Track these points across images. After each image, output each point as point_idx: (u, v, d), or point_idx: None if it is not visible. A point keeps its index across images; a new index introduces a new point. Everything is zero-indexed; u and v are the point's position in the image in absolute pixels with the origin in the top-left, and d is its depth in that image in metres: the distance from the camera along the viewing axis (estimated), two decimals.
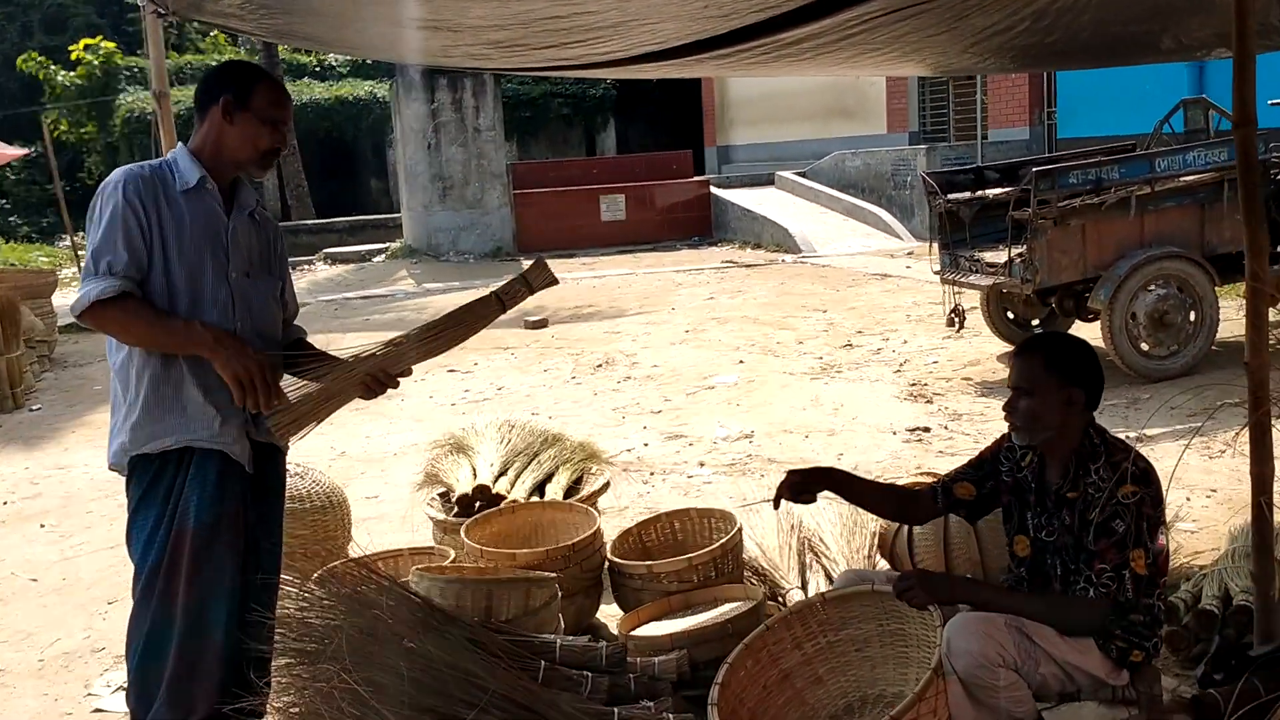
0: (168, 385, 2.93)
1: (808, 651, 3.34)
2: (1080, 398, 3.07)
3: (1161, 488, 3.04)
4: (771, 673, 3.32)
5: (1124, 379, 7.65)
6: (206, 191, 3.00)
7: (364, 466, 7.19)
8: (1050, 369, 3.07)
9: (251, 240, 3.11)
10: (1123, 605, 2.97)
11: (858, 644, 3.29)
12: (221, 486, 2.94)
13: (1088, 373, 3.11)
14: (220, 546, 2.91)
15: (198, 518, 2.89)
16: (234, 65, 3.11)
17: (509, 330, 12.17)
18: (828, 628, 3.32)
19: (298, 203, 22.68)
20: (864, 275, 14.35)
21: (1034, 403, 3.06)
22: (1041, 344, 3.23)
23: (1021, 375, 3.12)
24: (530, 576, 3.82)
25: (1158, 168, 7.68)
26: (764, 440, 7.09)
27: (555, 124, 28.34)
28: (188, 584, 2.87)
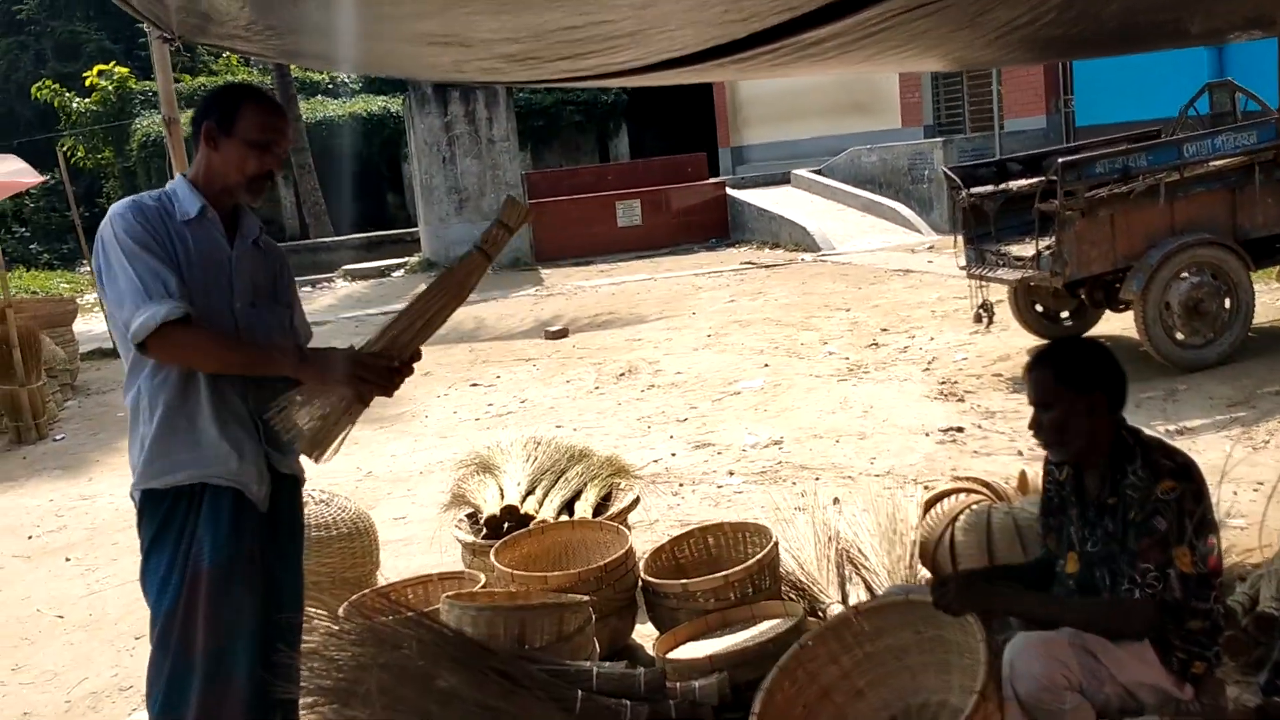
0: (181, 417, 2.85)
1: (845, 666, 3.24)
2: (1103, 401, 2.95)
3: (1205, 483, 2.92)
4: (811, 691, 3.21)
5: (1160, 370, 7.50)
6: (208, 221, 2.92)
7: (390, 486, 7.11)
8: (1063, 380, 2.95)
9: (257, 269, 3.03)
10: (1170, 606, 2.85)
11: (896, 653, 3.18)
12: (236, 524, 2.85)
13: (1105, 374, 2.98)
14: (238, 586, 2.82)
15: (213, 558, 2.80)
16: (222, 90, 3.00)
17: (530, 341, 12.10)
18: (864, 639, 3.22)
19: (315, 220, 22.68)
20: (885, 271, 14.20)
21: (1056, 417, 2.95)
22: (1051, 355, 3.09)
23: (1037, 390, 3.00)
24: (563, 601, 3.72)
25: (1186, 153, 7.52)
26: (794, 446, 6.97)
27: (568, 131, 28.28)
28: (206, 627, 2.78)
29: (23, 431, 9.58)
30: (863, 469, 6.35)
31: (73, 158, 27.25)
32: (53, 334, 11.21)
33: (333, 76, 29.51)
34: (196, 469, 2.83)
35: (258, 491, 2.91)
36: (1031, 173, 8.57)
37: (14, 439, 9.58)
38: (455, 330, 13.31)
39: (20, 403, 9.56)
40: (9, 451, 9.38)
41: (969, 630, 2.89)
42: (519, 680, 2.97)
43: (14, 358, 9.51)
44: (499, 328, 13.31)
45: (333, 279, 19.28)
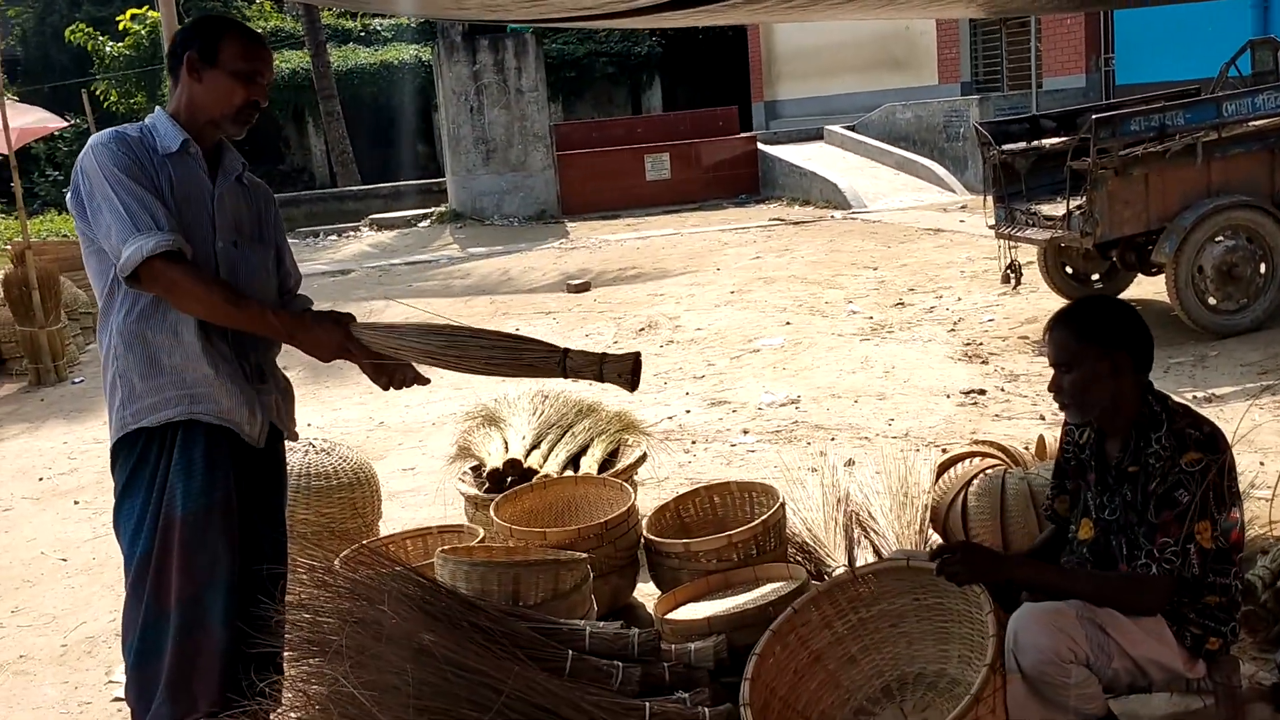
0: (165, 353, 2.76)
1: (839, 630, 3.14)
2: (1127, 361, 2.80)
3: (1232, 455, 2.78)
4: (802, 655, 3.12)
5: (1190, 335, 7.31)
6: (189, 156, 2.81)
7: (402, 437, 7.05)
8: (1087, 338, 2.80)
9: (240, 207, 2.93)
10: (1187, 583, 2.72)
11: (892, 619, 3.08)
12: (210, 471, 2.76)
13: (1130, 333, 2.83)
14: (213, 534, 2.75)
15: (185, 505, 2.72)
16: (201, 20, 2.90)
17: (552, 294, 11.99)
18: (858, 604, 3.11)
19: (343, 169, 22.58)
20: (916, 230, 13.97)
21: (1077, 377, 2.80)
22: (1073, 313, 2.93)
23: (1058, 350, 2.86)
24: (560, 558, 3.63)
25: (1225, 112, 7.28)
26: (811, 406, 6.85)
27: (600, 83, 27.99)
28: (181, 575, 2.71)
29: (42, 373, 9.59)
30: (880, 430, 6.23)
31: (105, 101, 27.25)
32: (74, 277, 11.19)
33: (365, 23, 29.33)
34: (186, 406, 2.75)
35: (250, 431, 2.85)
36: (1065, 130, 8.36)
37: (33, 380, 9.60)
38: (478, 282, 13.24)
39: (39, 344, 9.57)
40: (28, 393, 9.39)
41: (973, 600, 2.78)
42: (505, 640, 2.88)
43: (33, 300, 9.50)
44: (521, 280, 13.21)
45: (359, 228, 19.22)
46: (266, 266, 3.01)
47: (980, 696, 2.48)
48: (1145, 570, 2.71)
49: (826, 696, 3.10)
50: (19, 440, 7.83)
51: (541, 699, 2.48)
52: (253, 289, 2.90)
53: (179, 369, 2.76)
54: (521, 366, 2.84)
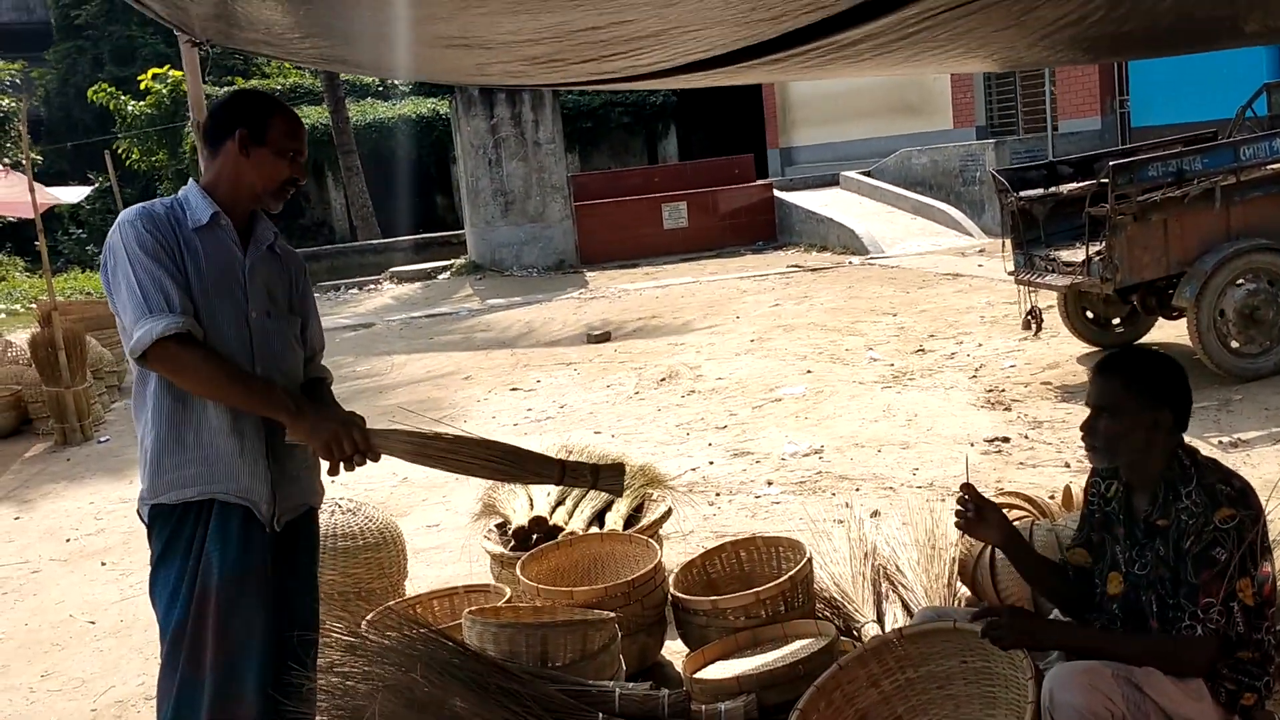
0: (189, 430, 2.79)
1: (885, 690, 3.12)
2: (1168, 420, 2.80)
3: (1262, 507, 2.77)
4: (847, 713, 3.10)
5: (1213, 380, 7.27)
6: (220, 228, 2.86)
7: (426, 493, 7.06)
8: (1134, 388, 2.80)
9: (272, 277, 2.97)
10: (1232, 642, 2.70)
11: (939, 681, 3.06)
12: (246, 539, 2.79)
13: (1176, 392, 2.83)
14: (247, 602, 2.77)
15: (222, 573, 2.74)
16: (246, 96, 2.97)
17: (572, 344, 12.03)
18: (906, 664, 3.09)
19: (363, 223, 22.80)
20: (934, 275, 13.98)
21: (1115, 424, 2.80)
22: (1125, 361, 2.94)
23: (1102, 394, 2.85)
24: (588, 618, 3.63)
25: (1243, 156, 7.29)
26: (834, 455, 6.83)
27: (616, 133, 28.23)
28: (216, 643, 2.73)
29: (68, 433, 9.66)
30: (904, 480, 6.21)
31: (128, 160, 27.62)
32: (100, 336, 11.30)
33: (382, 79, 29.69)
34: (205, 485, 2.77)
35: (266, 511, 2.84)
36: (1082, 175, 8.38)
37: (60, 440, 9.66)
38: (499, 334, 13.30)
39: (65, 404, 9.64)
40: (54, 453, 9.46)
41: (1018, 664, 2.76)
42: (535, 704, 2.88)
43: (59, 360, 9.59)
44: (541, 331, 13.27)
45: (380, 281, 19.36)
46: (296, 337, 3.04)
47: None
48: (1191, 632, 2.69)
49: None
50: (46, 501, 7.88)
51: None
52: (283, 361, 2.94)
53: (204, 445, 2.78)
54: (523, 474, 3.12)
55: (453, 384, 10.57)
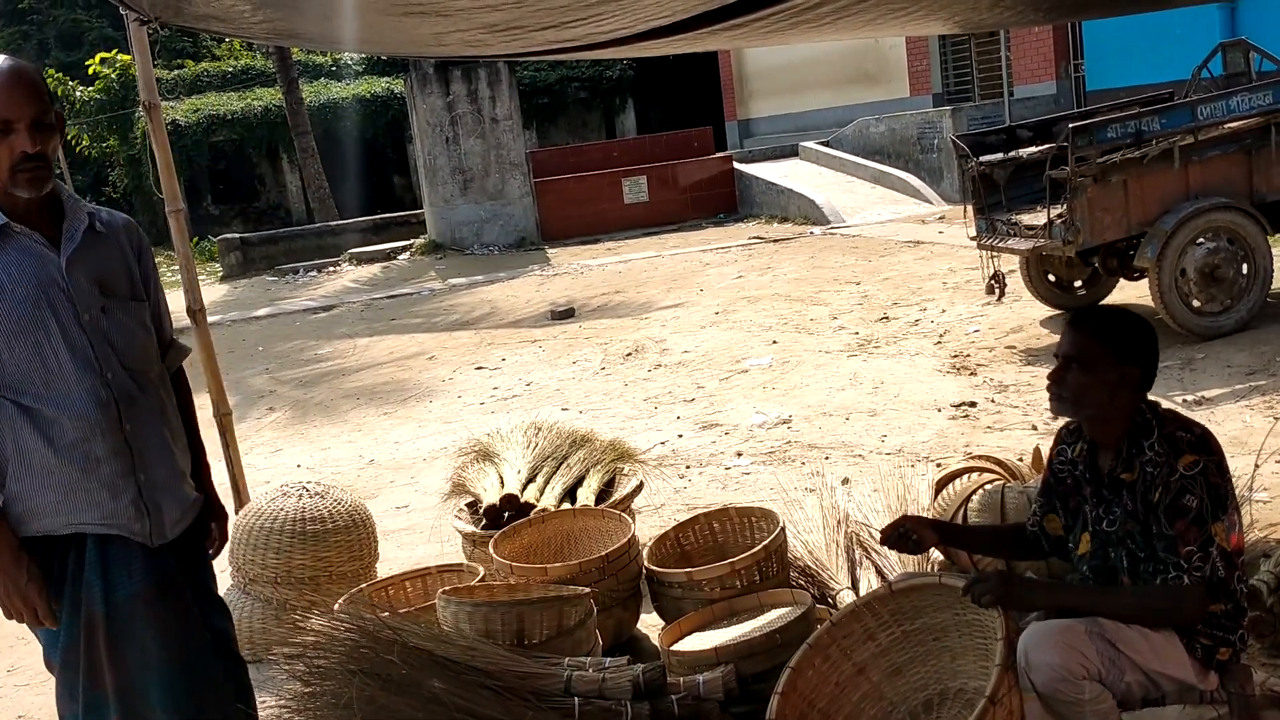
0: (39, 461, 2.52)
1: (882, 642, 3.13)
2: (1135, 377, 2.81)
3: (1224, 455, 2.78)
4: (844, 667, 3.11)
5: (1176, 339, 7.33)
6: (15, 235, 2.51)
7: (393, 474, 7.00)
8: (1107, 343, 2.81)
9: (101, 264, 2.63)
10: (1216, 586, 2.71)
11: (935, 633, 3.06)
12: (127, 565, 2.58)
13: (1147, 352, 2.84)
14: (139, 626, 2.57)
15: (107, 602, 2.55)
16: None
17: (536, 322, 11.97)
18: (902, 617, 3.09)
19: (319, 204, 22.53)
20: (896, 243, 14.01)
21: (1083, 376, 2.80)
22: (1100, 316, 2.94)
23: (1073, 345, 2.85)
24: (563, 595, 3.60)
25: (1200, 115, 7.32)
26: (803, 425, 6.84)
27: (574, 108, 28.10)
28: (112, 670, 2.56)
29: None
30: (873, 447, 6.22)
31: (78, 147, 27.15)
32: None
33: (335, 58, 29.35)
34: (68, 517, 2.54)
35: (141, 530, 2.60)
36: (1041, 139, 8.40)
37: None
38: (463, 314, 13.21)
39: None
40: None
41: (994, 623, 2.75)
42: (514, 682, 2.85)
43: None
44: (505, 309, 13.19)
45: (339, 263, 19.17)
46: (145, 324, 2.74)
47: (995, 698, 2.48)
48: (1179, 582, 2.70)
49: (870, 708, 3.08)
50: None
51: None
52: (132, 354, 2.66)
53: (57, 474, 2.53)
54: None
55: (417, 364, 10.49)
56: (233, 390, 9.74)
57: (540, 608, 3.48)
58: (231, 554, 4.50)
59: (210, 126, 26.09)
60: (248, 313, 15.31)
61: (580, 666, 3.18)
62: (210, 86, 27.97)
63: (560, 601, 3.53)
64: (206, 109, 26.22)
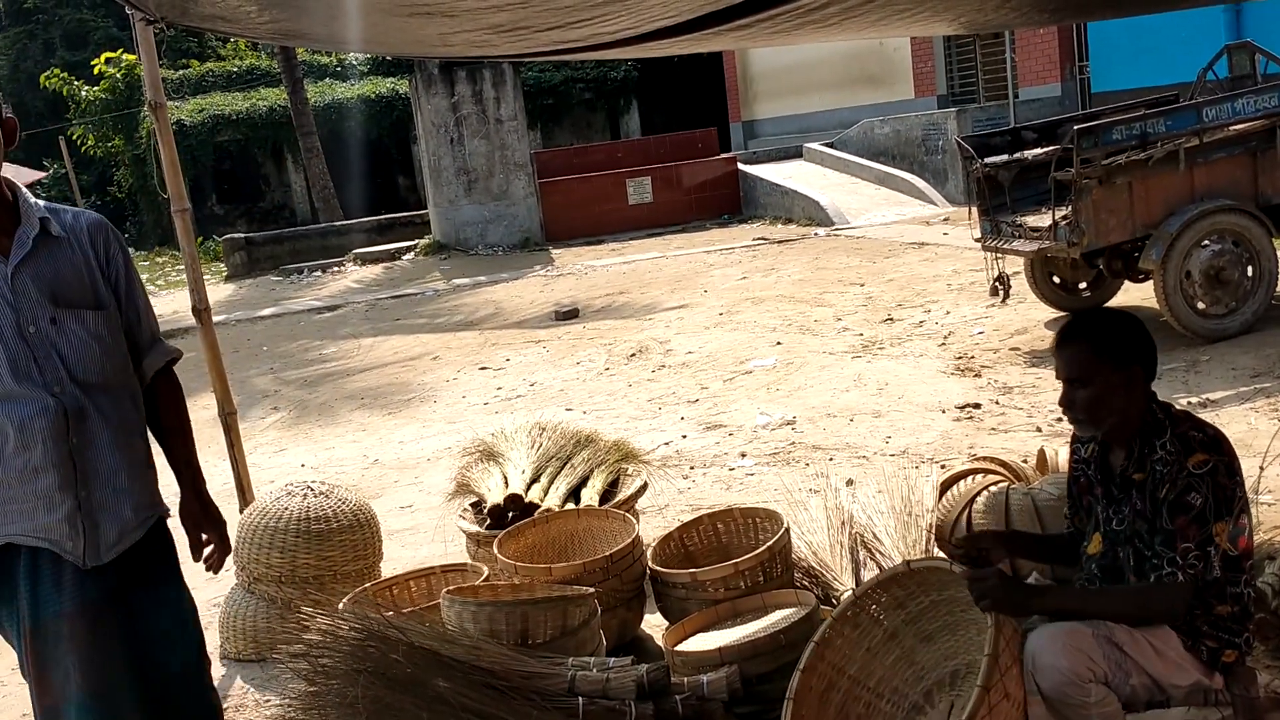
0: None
1: (912, 610, 3.13)
2: (1140, 375, 2.81)
3: (1236, 457, 2.78)
4: (875, 634, 3.13)
5: (1181, 341, 7.32)
6: None
7: (397, 474, 7.00)
8: (1102, 354, 2.80)
9: (54, 272, 2.53)
10: (1206, 588, 2.71)
11: (963, 605, 3.04)
12: (56, 582, 2.49)
13: (1141, 346, 2.84)
14: (62, 649, 2.47)
15: (34, 617, 2.48)
16: None
17: (540, 322, 11.97)
18: (929, 588, 3.09)
19: (324, 204, 22.56)
20: (900, 245, 14.00)
21: (1092, 392, 2.80)
22: (1085, 328, 2.92)
23: (1072, 365, 2.84)
24: (567, 594, 3.60)
25: (1205, 117, 7.31)
26: (807, 426, 6.83)
27: (578, 110, 28.12)
28: (38, 687, 2.52)
29: None
30: (878, 448, 6.21)
31: (83, 146, 27.20)
32: None
33: (340, 59, 29.39)
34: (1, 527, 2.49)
35: (74, 549, 2.50)
36: (1046, 141, 8.39)
37: None
38: (467, 315, 13.21)
39: None
40: None
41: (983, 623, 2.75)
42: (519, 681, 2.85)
43: None
44: (509, 309, 13.19)
45: (343, 263, 19.19)
46: (103, 334, 2.60)
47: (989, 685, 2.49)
48: (1172, 579, 2.70)
49: (902, 672, 3.09)
50: None
51: None
52: (84, 366, 2.56)
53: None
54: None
55: (421, 365, 10.50)
56: (237, 390, 9.74)
57: (544, 607, 3.48)
58: (236, 553, 4.51)
59: (215, 126, 26.13)
60: (252, 312, 15.33)
61: (584, 666, 3.19)
62: (215, 86, 28.02)
63: (564, 601, 3.53)
64: (211, 109, 26.26)
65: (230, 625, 4.49)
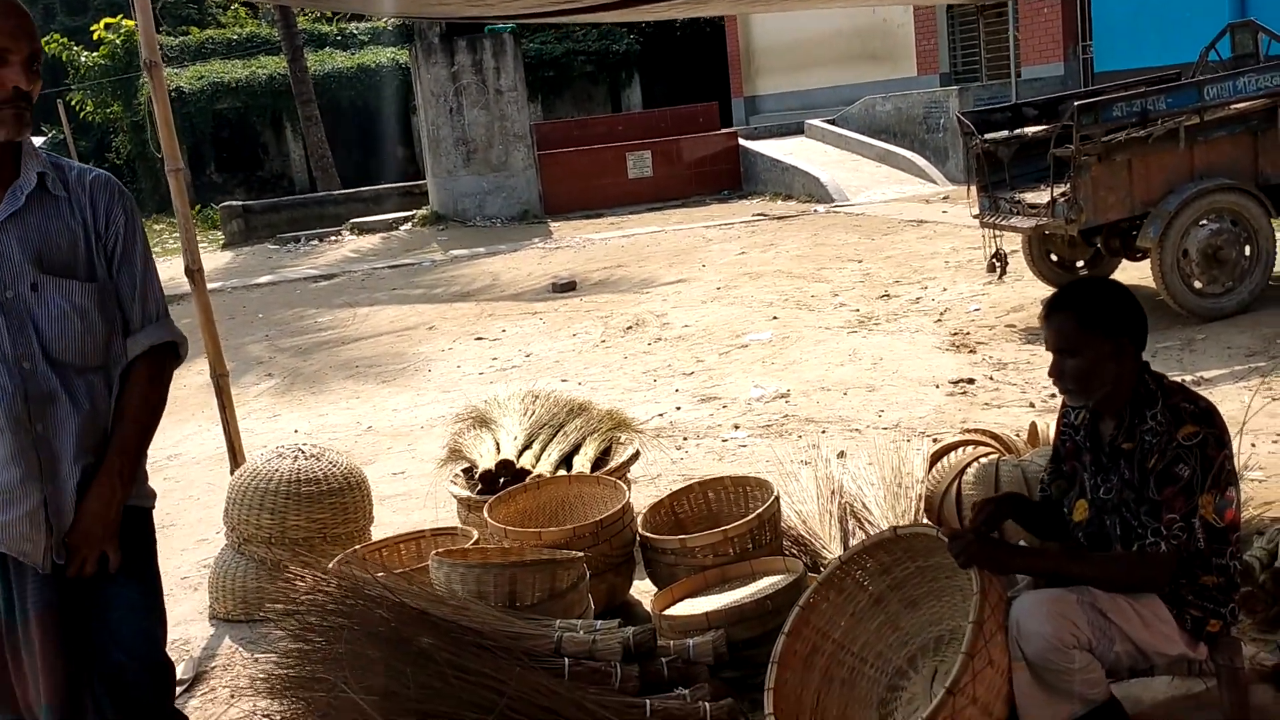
0: None
1: (897, 576, 3.15)
2: (1129, 344, 2.80)
3: (1227, 429, 2.78)
4: (860, 599, 3.15)
5: (1177, 320, 7.32)
6: None
7: (390, 441, 7.01)
8: (1090, 324, 2.79)
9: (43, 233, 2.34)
10: (1189, 560, 2.71)
11: (948, 572, 3.06)
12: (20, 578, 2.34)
13: (1130, 315, 2.83)
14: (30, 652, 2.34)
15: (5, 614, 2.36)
16: None
17: (537, 294, 11.95)
18: (915, 554, 3.10)
19: (322, 174, 22.48)
20: (899, 222, 13.97)
21: (1082, 363, 2.79)
22: (1073, 298, 2.91)
23: (1061, 337, 2.84)
24: (556, 558, 3.61)
25: (1206, 96, 7.28)
26: (800, 399, 6.83)
27: (579, 82, 27.98)
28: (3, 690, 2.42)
29: None
30: (870, 422, 6.22)
31: (82, 111, 27.09)
32: None
33: (340, 27, 29.23)
34: None
35: (32, 550, 2.32)
36: (1047, 118, 8.35)
37: None
38: (464, 285, 13.19)
39: None
40: None
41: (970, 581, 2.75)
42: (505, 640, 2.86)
43: None
44: (506, 281, 13.17)
45: (341, 232, 19.14)
46: (89, 308, 2.38)
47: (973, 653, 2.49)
48: (1155, 548, 2.70)
49: (886, 637, 3.11)
50: None
51: (545, 700, 2.46)
52: (61, 341, 2.35)
53: None
54: None
55: (417, 335, 10.48)
56: (232, 357, 9.74)
57: (533, 570, 3.49)
58: (226, 514, 4.52)
59: (214, 94, 26.00)
60: (248, 280, 15.30)
61: (571, 628, 3.19)
62: (215, 54, 27.87)
63: (553, 564, 3.53)
64: (211, 76, 26.12)
65: (219, 586, 4.50)
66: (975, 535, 2.81)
